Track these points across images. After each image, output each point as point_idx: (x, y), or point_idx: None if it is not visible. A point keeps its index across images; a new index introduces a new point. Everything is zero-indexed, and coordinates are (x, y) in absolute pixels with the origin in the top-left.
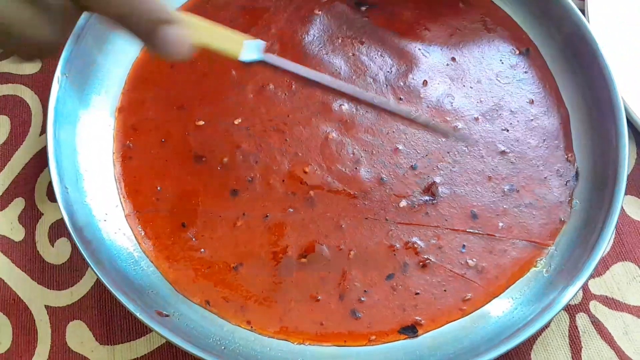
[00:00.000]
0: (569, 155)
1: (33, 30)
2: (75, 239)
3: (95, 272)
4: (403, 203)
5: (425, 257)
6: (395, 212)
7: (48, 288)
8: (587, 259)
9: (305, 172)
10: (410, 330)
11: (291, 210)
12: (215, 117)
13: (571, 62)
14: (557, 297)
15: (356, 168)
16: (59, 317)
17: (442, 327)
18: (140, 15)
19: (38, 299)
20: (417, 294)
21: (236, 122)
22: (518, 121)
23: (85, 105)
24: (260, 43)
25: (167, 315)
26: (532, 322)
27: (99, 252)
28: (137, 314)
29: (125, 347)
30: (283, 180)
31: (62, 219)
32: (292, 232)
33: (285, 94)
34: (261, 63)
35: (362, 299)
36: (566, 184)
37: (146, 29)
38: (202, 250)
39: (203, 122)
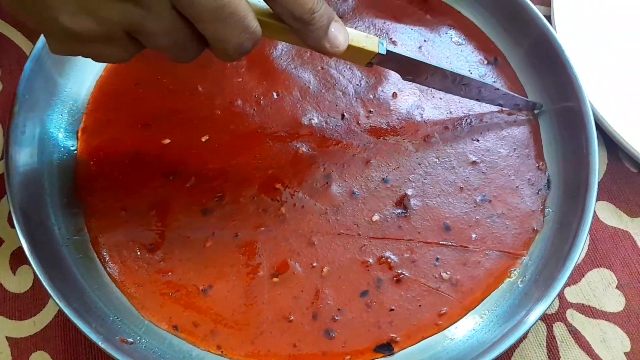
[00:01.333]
0: (540, 163)
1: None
2: (35, 268)
3: (56, 302)
4: (375, 217)
5: (399, 271)
6: (368, 227)
7: (9, 318)
8: (562, 267)
9: (276, 189)
10: (386, 348)
11: (262, 228)
12: (182, 134)
13: (539, 70)
14: (533, 308)
15: (327, 183)
16: (21, 349)
17: (418, 343)
18: (322, 14)
19: None
20: (391, 310)
21: (204, 139)
22: (488, 131)
23: (47, 127)
24: (384, 41)
25: (132, 343)
26: (508, 334)
27: (61, 280)
28: (100, 343)
29: None
30: (253, 198)
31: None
32: (264, 250)
33: (254, 110)
34: (387, 56)
35: (336, 317)
36: (538, 193)
37: (323, 26)
38: (170, 273)
39: (169, 141)
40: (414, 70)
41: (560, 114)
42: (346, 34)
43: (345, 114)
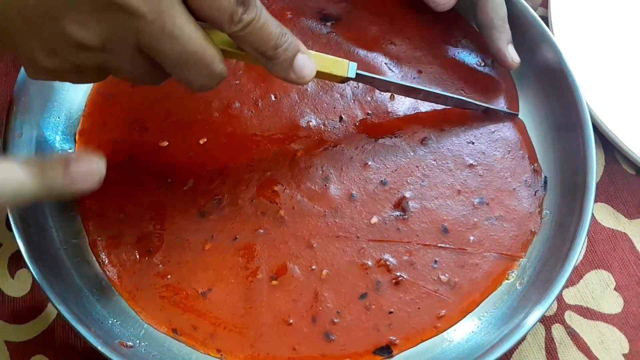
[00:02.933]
0: (535, 165)
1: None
2: (33, 272)
3: (55, 306)
4: (374, 219)
5: (398, 274)
6: (367, 229)
7: (8, 322)
8: (560, 269)
9: (274, 191)
10: (385, 350)
11: (261, 231)
12: (180, 137)
13: (536, 71)
14: (531, 310)
15: (326, 185)
16: (20, 353)
17: (416, 345)
18: (286, 48)
19: None
20: (390, 312)
21: (201, 141)
22: (481, 133)
23: (44, 130)
24: (354, 64)
25: (131, 346)
26: (507, 337)
27: (60, 283)
28: (99, 347)
29: None
30: (252, 200)
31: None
32: (263, 253)
33: (252, 112)
34: (358, 78)
35: (335, 320)
36: (535, 194)
37: (288, 59)
38: (169, 276)
39: (167, 143)
40: (388, 87)
41: (558, 116)
42: (312, 65)
43: (343, 116)
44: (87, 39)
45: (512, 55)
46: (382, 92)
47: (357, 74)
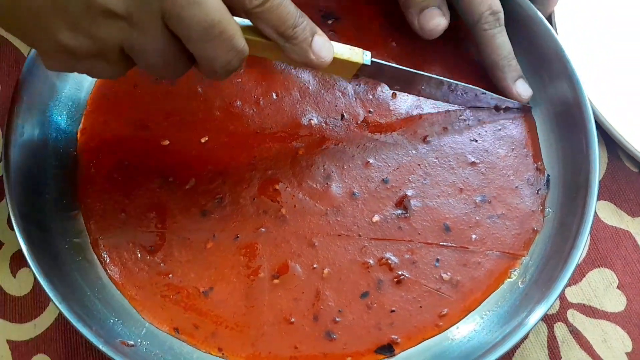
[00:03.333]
0: (539, 163)
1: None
2: (35, 271)
3: (56, 305)
4: (376, 218)
5: (400, 273)
6: (369, 228)
7: (10, 321)
8: (563, 268)
9: (276, 190)
10: (387, 349)
11: (262, 229)
12: (181, 135)
13: (538, 70)
14: (534, 309)
15: (327, 183)
16: (22, 352)
17: (418, 344)
18: (304, 28)
19: (0, 333)
20: (392, 311)
21: (203, 140)
22: (486, 131)
23: (45, 129)
24: (369, 52)
25: (132, 345)
26: (509, 335)
27: (61, 282)
28: (100, 347)
29: None
30: (253, 199)
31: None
32: (264, 252)
33: (254, 110)
34: (372, 66)
35: (337, 319)
36: (537, 193)
37: (306, 39)
38: (171, 275)
39: (168, 142)
40: (401, 79)
41: (561, 114)
42: (330, 47)
43: (344, 114)
44: (114, 5)
45: (519, 92)
46: (384, 90)
47: (372, 61)
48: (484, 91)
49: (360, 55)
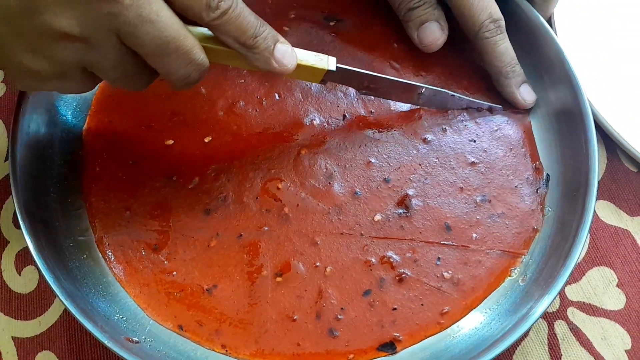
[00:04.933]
0: (537, 162)
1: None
2: (40, 268)
3: (62, 302)
4: (377, 217)
5: (401, 271)
6: (370, 226)
7: (15, 318)
8: (562, 266)
9: (279, 189)
10: (389, 347)
11: (266, 228)
12: (185, 135)
13: (539, 73)
14: (534, 306)
15: (329, 183)
16: (27, 349)
17: (420, 342)
18: (265, 37)
19: (4, 330)
20: (394, 309)
21: (206, 140)
22: (483, 132)
23: (51, 129)
24: (334, 58)
25: (137, 342)
26: (510, 332)
27: (66, 279)
28: (106, 342)
29: None
30: (256, 198)
31: (28, 247)
32: (267, 250)
33: (256, 111)
34: (338, 72)
35: (339, 317)
36: (537, 192)
37: (268, 48)
38: (175, 273)
39: (172, 141)
40: (368, 84)
41: (561, 115)
42: (293, 54)
43: (346, 114)
44: (68, 28)
45: (524, 97)
46: None
47: (337, 67)
48: (453, 93)
49: (325, 62)
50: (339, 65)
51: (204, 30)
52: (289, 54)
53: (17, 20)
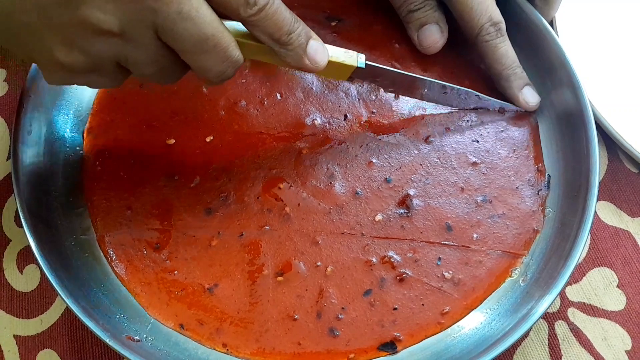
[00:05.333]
0: (540, 165)
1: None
2: (42, 266)
3: (63, 300)
4: (378, 217)
5: (402, 271)
6: (371, 226)
7: (17, 317)
8: (563, 266)
9: (280, 188)
10: (390, 346)
11: (267, 227)
12: (186, 135)
13: (540, 72)
14: (535, 307)
15: (331, 182)
16: (29, 347)
17: (421, 342)
18: (299, 33)
19: (6, 328)
20: (395, 309)
21: (208, 139)
22: (488, 132)
23: (53, 128)
24: (363, 55)
25: (138, 341)
26: (510, 332)
27: (68, 278)
28: (107, 340)
29: None
30: (258, 197)
31: (30, 245)
32: (268, 249)
33: (258, 110)
34: (366, 69)
35: (340, 316)
36: (538, 193)
37: (301, 45)
38: (176, 272)
39: (174, 141)
40: (395, 82)
41: (562, 117)
42: (325, 51)
43: (347, 114)
44: (106, 24)
45: (526, 99)
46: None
47: (366, 64)
48: (483, 95)
49: (354, 59)
50: (368, 62)
51: (236, 25)
52: (321, 51)
53: (54, 11)
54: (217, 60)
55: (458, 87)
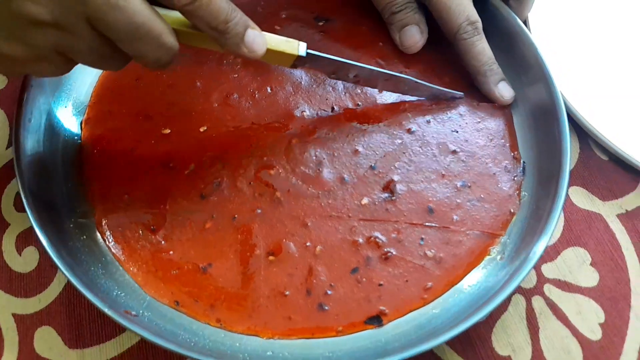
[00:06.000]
0: (515, 153)
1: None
2: (43, 242)
3: (63, 273)
4: (364, 200)
5: (387, 250)
6: (358, 209)
7: (15, 296)
8: (537, 242)
9: (271, 175)
10: (376, 320)
11: (259, 210)
12: (181, 125)
13: (515, 68)
14: (511, 280)
15: (319, 169)
16: (27, 324)
17: (405, 315)
18: (237, 22)
19: (5, 307)
20: (380, 285)
21: (202, 129)
22: (467, 123)
23: (52, 117)
24: (304, 43)
25: (135, 316)
26: (489, 301)
27: (67, 257)
28: (106, 310)
29: (95, 351)
30: (250, 183)
31: (29, 229)
32: (260, 231)
33: (249, 103)
34: (308, 57)
35: (329, 292)
36: (514, 179)
37: (239, 33)
38: (171, 252)
39: (169, 131)
40: (337, 69)
41: (535, 107)
42: (263, 40)
43: (334, 107)
44: (39, 15)
45: (502, 94)
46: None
47: (307, 53)
48: (416, 80)
49: (295, 47)
50: (309, 50)
51: (179, 14)
52: (259, 40)
53: None
54: (151, 48)
55: (398, 74)
